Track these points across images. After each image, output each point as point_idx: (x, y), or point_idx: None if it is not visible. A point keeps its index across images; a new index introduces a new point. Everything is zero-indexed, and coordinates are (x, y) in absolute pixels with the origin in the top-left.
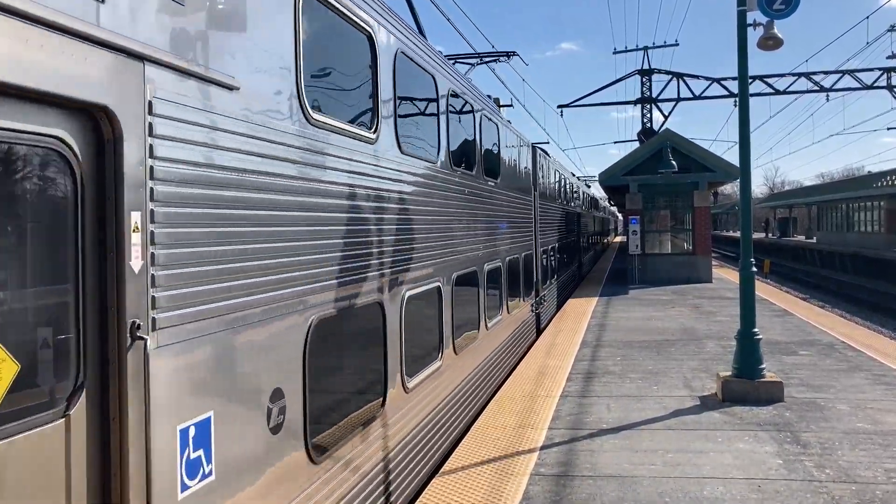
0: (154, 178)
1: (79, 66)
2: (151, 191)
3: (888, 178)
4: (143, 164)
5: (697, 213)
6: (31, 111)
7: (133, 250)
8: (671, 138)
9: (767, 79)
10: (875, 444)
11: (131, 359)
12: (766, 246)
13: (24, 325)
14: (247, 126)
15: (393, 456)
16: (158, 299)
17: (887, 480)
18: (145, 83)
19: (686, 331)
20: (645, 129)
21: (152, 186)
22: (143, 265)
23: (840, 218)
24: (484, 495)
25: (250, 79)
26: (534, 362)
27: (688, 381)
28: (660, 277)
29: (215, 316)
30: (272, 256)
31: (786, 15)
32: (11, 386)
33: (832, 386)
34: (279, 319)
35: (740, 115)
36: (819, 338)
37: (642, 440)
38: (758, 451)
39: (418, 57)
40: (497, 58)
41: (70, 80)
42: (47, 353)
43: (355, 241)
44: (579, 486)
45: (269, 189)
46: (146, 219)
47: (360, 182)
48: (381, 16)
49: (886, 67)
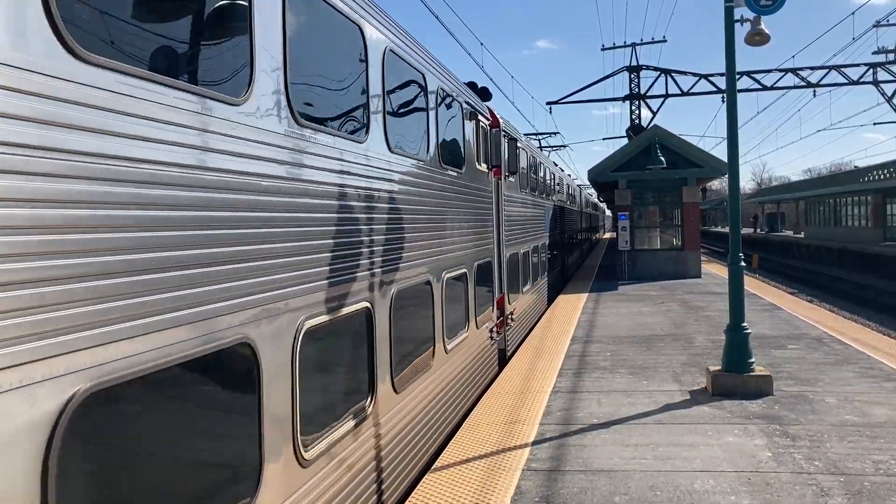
0: None
1: None
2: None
3: (875, 173)
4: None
5: (686, 209)
6: None
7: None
8: (659, 134)
9: (755, 74)
10: (863, 437)
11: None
12: (754, 241)
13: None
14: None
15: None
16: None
17: (875, 472)
18: None
19: (675, 326)
20: (634, 125)
21: None
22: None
23: (828, 213)
24: (476, 490)
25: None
26: (524, 358)
27: (677, 375)
28: (649, 273)
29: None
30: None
31: (773, 10)
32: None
33: (820, 379)
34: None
35: (728, 111)
36: (807, 332)
37: (633, 434)
38: (747, 444)
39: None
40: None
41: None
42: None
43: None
44: (571, 480)
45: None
46: None
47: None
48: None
49: (872, 63)
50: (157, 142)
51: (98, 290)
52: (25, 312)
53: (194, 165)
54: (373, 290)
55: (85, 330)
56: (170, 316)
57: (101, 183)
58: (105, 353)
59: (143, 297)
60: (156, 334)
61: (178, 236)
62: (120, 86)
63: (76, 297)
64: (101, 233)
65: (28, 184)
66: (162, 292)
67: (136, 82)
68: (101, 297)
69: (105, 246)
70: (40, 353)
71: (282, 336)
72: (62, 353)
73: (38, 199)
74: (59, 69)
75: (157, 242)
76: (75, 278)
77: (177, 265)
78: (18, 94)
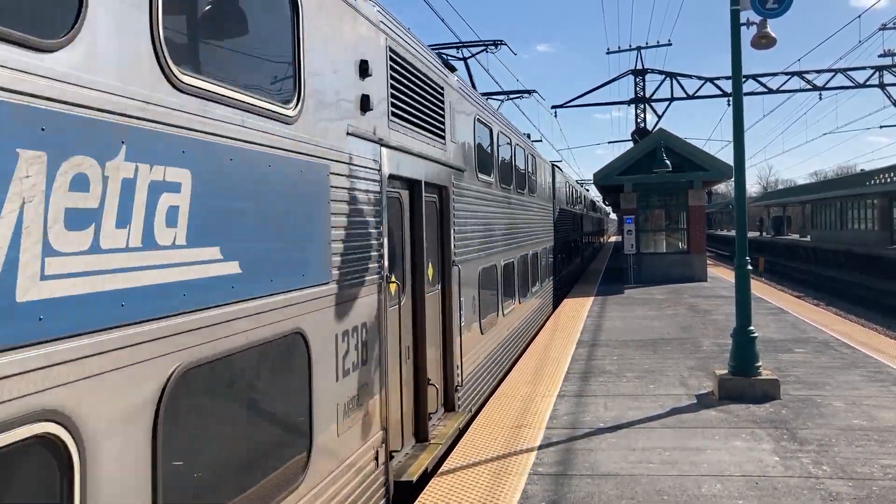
0: None
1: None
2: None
3: (881, 176)
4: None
5: (692, 212)
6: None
7: None
8: (665, 138)
9: (760, 78)
10: (871, 441)
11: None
12: (760, 244)
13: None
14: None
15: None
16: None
17: (884, 476)
18: None
19: (682, 329)
20: (639, 128)
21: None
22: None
23: (834, 216)
24: (483, 494)
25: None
26: (530, 362)
27: (684, 379)
28: (655, 276)
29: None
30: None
31: (779, 14)
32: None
33: (828, 383)
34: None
35: (734, 114)
36: (814, 335)
37: (639, 439)
38: (755, 448)
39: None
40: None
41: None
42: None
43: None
44: (577, 484)
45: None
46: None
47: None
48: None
49: (878, 66)
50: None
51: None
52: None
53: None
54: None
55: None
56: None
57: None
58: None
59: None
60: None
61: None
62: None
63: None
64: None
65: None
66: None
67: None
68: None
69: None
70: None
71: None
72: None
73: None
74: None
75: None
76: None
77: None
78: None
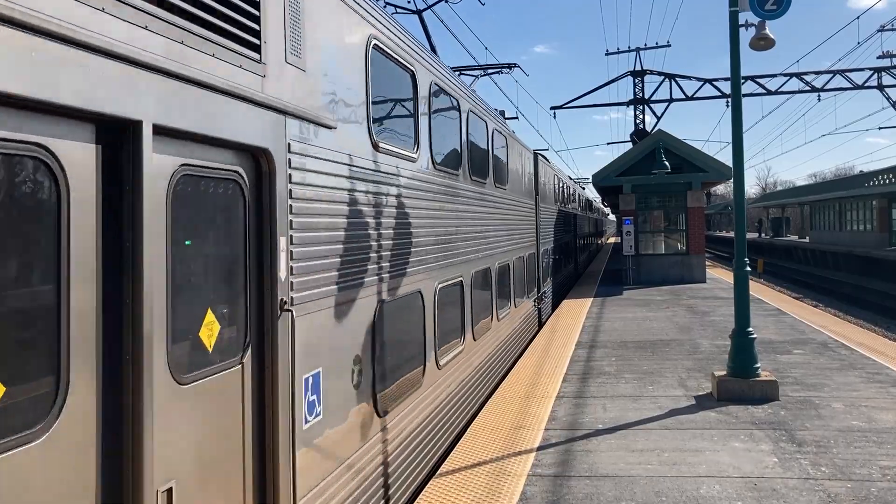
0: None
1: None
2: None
3: (880, 178)
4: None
5: (691, 214)
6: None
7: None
8: (664, 139)
9: (759, 79)
10: (870, 442)
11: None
12: (759, 245)
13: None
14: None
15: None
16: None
17: (882, 477)
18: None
19: (681, 331)
20: (638, 130)
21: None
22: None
23: (833, 217)
24: (481, 496)
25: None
26: (529, 363)
27: (683, 380)
28: (654, 278)
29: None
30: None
31: (777, 15)
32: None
33: (826, 384)
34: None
35: (733, 115)
36: (813, 336)
37: (638, 440)
38: (753, 449)
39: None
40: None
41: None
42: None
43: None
44: (576, 486)
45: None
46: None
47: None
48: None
49: (877, 67)
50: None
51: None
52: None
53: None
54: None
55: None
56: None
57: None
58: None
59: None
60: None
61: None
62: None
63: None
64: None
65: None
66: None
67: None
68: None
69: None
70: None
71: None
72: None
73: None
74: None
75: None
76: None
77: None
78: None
